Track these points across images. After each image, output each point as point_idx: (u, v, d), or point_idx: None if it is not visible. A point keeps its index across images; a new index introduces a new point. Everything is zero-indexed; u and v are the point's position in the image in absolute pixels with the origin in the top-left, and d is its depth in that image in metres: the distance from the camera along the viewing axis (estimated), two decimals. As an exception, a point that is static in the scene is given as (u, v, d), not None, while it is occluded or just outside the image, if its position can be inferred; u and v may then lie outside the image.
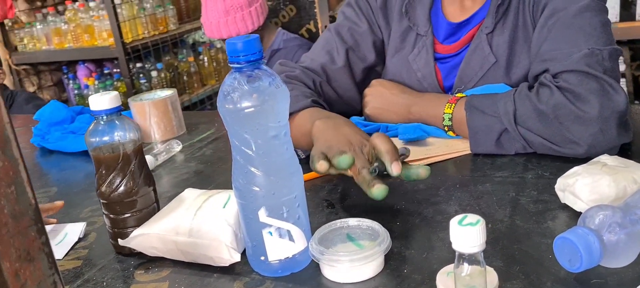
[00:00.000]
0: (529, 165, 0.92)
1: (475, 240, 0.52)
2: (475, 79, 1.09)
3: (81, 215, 0.98)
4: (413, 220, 0.80)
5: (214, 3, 2.05)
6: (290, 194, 0.69)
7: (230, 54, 0.65)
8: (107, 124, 0.78)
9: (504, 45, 1.07)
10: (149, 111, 1.33)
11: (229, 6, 2.03)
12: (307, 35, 2.49)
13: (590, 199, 0.73)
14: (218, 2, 2.04)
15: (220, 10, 2.04)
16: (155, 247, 0.77)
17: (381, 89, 1.16)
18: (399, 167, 0.80)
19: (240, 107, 0.65)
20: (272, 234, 0.69)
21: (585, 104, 0.89)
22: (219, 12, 2.05)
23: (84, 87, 3.45)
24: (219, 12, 2.04)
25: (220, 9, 2.04)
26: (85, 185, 1.13)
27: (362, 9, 1.21)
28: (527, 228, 0.74)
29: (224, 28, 2.06)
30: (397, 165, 0.80)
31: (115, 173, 0.78)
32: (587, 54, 0.92)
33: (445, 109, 1.03)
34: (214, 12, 2.06)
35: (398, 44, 1.18)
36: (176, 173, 1.12)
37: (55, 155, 1.35)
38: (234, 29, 2.07)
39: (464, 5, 1.12)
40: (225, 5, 2.03)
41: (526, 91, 0.95)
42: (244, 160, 0.68)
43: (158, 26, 3.28)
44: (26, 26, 3.43)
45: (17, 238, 0.41)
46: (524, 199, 0.82)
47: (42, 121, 1.42)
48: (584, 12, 0.97)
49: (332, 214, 0.85)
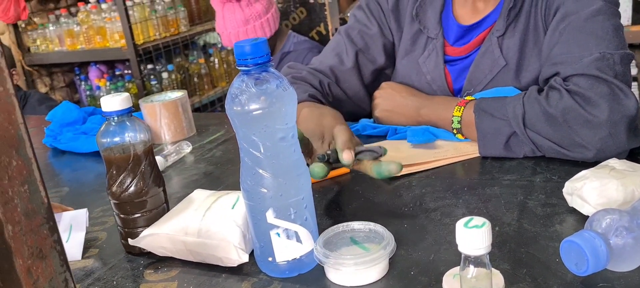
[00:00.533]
0: (537, 168, 0.92)
1: (481, 242, 0.52)
2: (485, 81, 1.09)
3: (92, 214, 0.99)
4: (420, 223, 0.80)
5: (232, 13, 2.07)
6: (297, 196, 0.70)
7: (238, 57, 0.66)
8: (118, 124, 0.79)
9: (514, 48, 1.07)
10: (160, 112, 1.34)
11: (248, 15, 2.06)
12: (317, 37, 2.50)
13: (597, 203, 0.73)
14: (237, 12, 2.06)
15: (240, 20, 2.07)
16: (165, 247, 0.78)
17: (391, 91, 1.16)
18: (350, 155, 0.82)
19: (248, 109, 0.65)
20: (280, 235, 0.70)
21: (594, 108, 0.88)
22: (238, 22, 2.07)
23: (96, 88, 3.48)
24: (238, 21, 2.07)
25: (240, 19, 2.07)
26: (96, 185, 1.14)
27: (373, 11, 1.22)
28: (534, 232, 0.74)
29: (243, 37, 2.09)
30: (348, 153, 0.82)
31: (126, 173, 0.79)
32: (598, 57, 0.92)
33: (454, 112, 1.03)
34: (232, 22, 2.08)
35: (408, 47, 1.19)
36: (186, 174, 1.13)
37: (67, 156, 1.37)
38: (253, 37, 2.10)
39: (475, 8, 1.12)
40: (245, 15, 2.06)
41: (535, 94, 0.95)
42: (252, 162, 0.68)
43: (169, 28, 3.30)
44: (39, 27, 3.46)
45: (29, 236, 0.42)
46: (532, 202, 0.82)
47: (54, 122, 1.44)
48: (596, 16, 0.97)
49: (339, 216, 0.86)
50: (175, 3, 3.37)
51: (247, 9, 2.06)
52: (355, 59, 1.19)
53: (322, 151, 0.87)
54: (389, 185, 0.94)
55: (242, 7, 2.06)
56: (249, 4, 2.06)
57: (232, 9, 2.07)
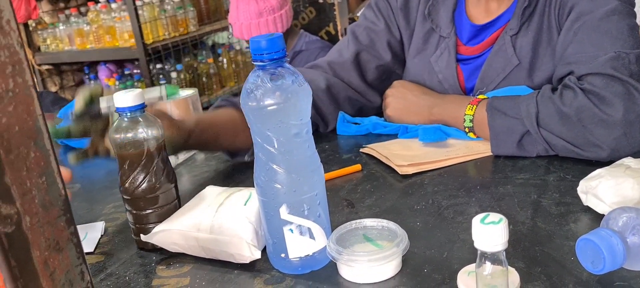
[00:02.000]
0: (550, 167, 0.92)
1: (498, 238, 0.52)
2: (497, 80, 1.09)
3: (104, 210, 1.00)
4: (433, 221, 0.80)
5: (246, 5, 2.08)
6: (311, 192, 0.69)
7: (254, 52, 0.66)
8: (131, 121, 0.79)
9: (528, 47, 1.06)
10: (170, 110, 1.34)
11: (262, 8, 2.06)
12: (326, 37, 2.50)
13: (613, 201, 0.72)
14: (251, 4, 2.06)
15: (253, 12, 2.07)
16: (177, 243, 0.78)
17: (402, 90, 1.16)
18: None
19: (263, 104, 0.65)
20: (293, 232, 0.69)
21: (609, 107, 0.88)
22: (252, 14, 2.07)
23: (105, 87, 3.49)
24: (252, 14, 2.07)
25: (253, 11, 2.07)
26: (108, 182, 1.15)
27: (381, 9, 1.22)
28: (549, 230, 0.74)
29: (255, 30, 2.09)
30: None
31: (139, 169, 0.79)
32: (613, 57, 0.91)
33: (466, 111, 1.03)
34: (246, 14, 2.08)
35: (420, 45, 1.19)
36: (196, 172, 1.13)
37: (78, 153, 1.37)
38: (265, 31, 2.10)
39: (488, 7, 1.12)
40: (259, 8, 2.06)
41: (549, 93, 0.94)
42: (266, 158, 0.68)
43: (178, 27, 3.31)
44: (49, 27, 3.48)
45: (46, 228, 0.41)
46: (546, 201, 0.81)
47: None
48: (610, 16, 0.96)
49: (351, 213, 0.86)
50: (185, 3, 3.37)
51: (261, 2, 2.06)
52: (356, 54, 1.20)
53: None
54: (400, 183, 0.94)
55: (258, 1, 2.06)
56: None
57: (247, 1, 2.08)
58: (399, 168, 0.96)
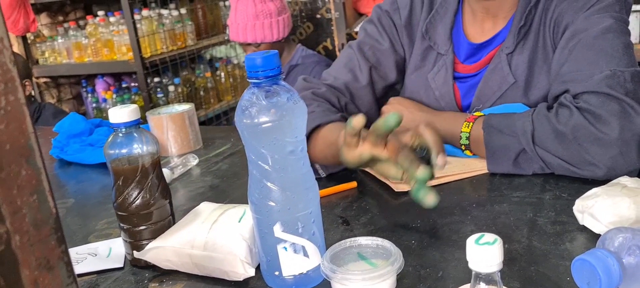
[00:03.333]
0: (546, 185, 0.92)
1: (492, 259, 0.51)
2: (493, 98, 1.09)
3: (97, 226, 0.99)
4: (428, 239, 0.80)
5: (245, 6, 2.09)
6: (305, 210, 0.69)
7: (249, 69, 0.65)
8: (126, 136, 0.79)
9: (523, 66, 1.06)
10: (167, 125, 1.34)
11: (259, 11, 2.07)
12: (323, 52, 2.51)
13: (609, 221, 0.72)
14: (249, 6, 2.08)
15: (251, 13, 2.08)
16: (170, 260, 0.77)
17: (399, 106, 1.16)
18: (444, 161, 0.76)
19: (258, 121, 0.65)
20: (287, 249, 0.69)
21: (605, 125, 0.88)
22: (249, 16, 2.08)
23: (102, 100, 3.49)
24: (249, 15, 2.08)
25: (251, 13, 2.08)
26: (102, 197, 1.14)
27: (384, 26, 1.21)
28: (544, 250, 0.73)
29: (250, 32, 2.10)
30: (444, 157, 0.76)
31: (133, 185, 0.79)
32: (608, 75, 0.91)
33: (462, 128, 1.03)
34: (243, 15, 2.09)
35: (418, 62, 1.19)
36: (192, 187, 1.13)
37: (73, 167, 1.37)
38: (260, 34, 2.10)
39: (485, 26, 1.12)
40: (256, 10, 2.07)
41: (545, 111, 0.94)
42: (260, 175, 0.68)
43: (176, 41, 3.32)
44: (48, 40, 3.49)
45: (37, 246, 0.41)
46: (542, 220, 0.81)
47: (61, 133, 1.44)
48: (605, 34, 0.96)
49: (346, 231, 0.85)
50: (183, 17, 3.39)
51: (260, 5, 2.07)
52: (369, 76, 1.18)
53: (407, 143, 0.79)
54: (396, 200, 0.93)
55: (256, 3, 2.07)
56: (263, 1, 2.08)
57: (245, 3, 2.09)
58: (395, 185, 0.96)
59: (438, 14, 1.16)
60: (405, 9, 1.19)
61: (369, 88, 1.17)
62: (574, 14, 1.00)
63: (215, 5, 3.75)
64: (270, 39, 2.11)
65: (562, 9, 1.02)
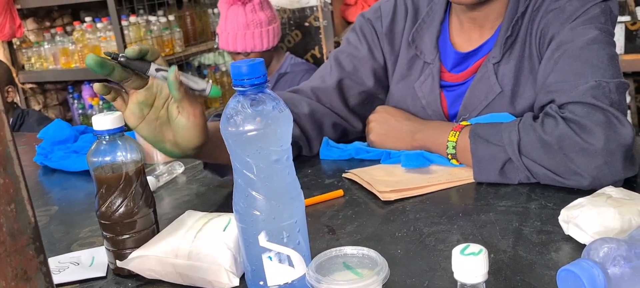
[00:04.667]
0: (532, 195, 0.92)
1: (477, 270, 0.51)
2: (480, 107, 1.09)
3: (80, 234, 0.98)
4: (414, 248, 0.79)
5: (235, 15, 2.09)
6: (291, 219, 0.69)
7: (234, 77, 0.65)
8: (109, 143, 0.78)
9: (510, 76, 1.07)
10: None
11: (250, 20, 2.08)
12: (311, 60, 2.51)
13: (594, 231, 0.72)
14: (240, 16, 2.08)
15: (241, 23, 2.08)
16: (154, 269, 0.76)
17: (386, 115, 1.16)
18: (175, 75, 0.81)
19: (243, 130, 0.65)
20: (272, 259, 0.68)
21: (590, 135, 0.88)
22: (239, 25, 2.08)
23: (89, 107, 3.46)
24: (240, 24, 2.08)
25: (241, 22, 2.08)
26: (86, 205, 1.13)
27: (365, 34, 1.23)
28: (530, 259, 0.73)
29: (240, 41, 2.10)
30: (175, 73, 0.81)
31: (117, 193, 0.78)
32: (593, 85, 0.92)
33: (449, 137, 1.03)
34: (233, 24, 2.09)
35: (404, 71, 1.19)
36: (177, 195, 1.12)
37: (57, 174, 1.35)
38: (250, 44, 2.11)
39: (472, 36, 1.13)
40: (247, 19, 2.08)
41: (530, 121, 0.94)
42: (245, 184, 0.67)
43: (164, 48, 3.30)
44: (34, 45, 3.46)
45: (14, 256, 0.40)
46: (528, 230, 0.81)
47: (46, 140, 1.42)
48: (591, 45, 0.97)
49: (332, 240, 0.85)
50: (171, 24, 3.37)
51: (250, 14, 2.08)
52: (338, 81, 1.20)
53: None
54: (382, 209, 0.93)
55: (247, 12, 2.08)
56: (253, 11, 2.08)
57: (236, 12, 2.09)
58: (381, 194, 0.96)
59: (424, 23, 1.17)
60: (388, 18, 1.21)
61: (335, 91, 1.19)
62: (560, 25, 1.01)
63: (204, 13, 3.74)
64: (260, 48, 2.12)
65: (548, 19, 1.03)
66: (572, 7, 1.01)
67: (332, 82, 1.19)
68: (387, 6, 1.22)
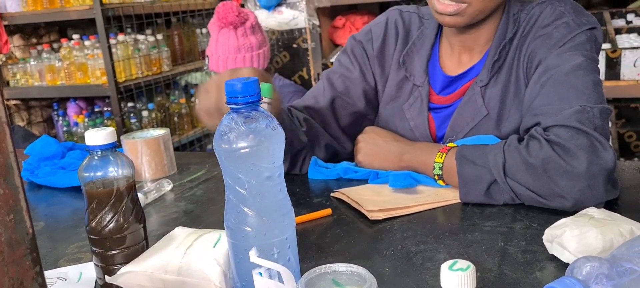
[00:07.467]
0: (517, 215, 0.93)
1: (465, 285, 0.52)
2: (467, 129, 1.11)
3: (67, 250, 0.97)
4: (402, 266, 0.80)
5: (226, 39, 2.09)
6: (281, 235, 0.69)
7: (229, 95, 0.66)
8: (101, 159, 0.78)
9: (496, 99, 1.09)
10: (141, 149, 1.33)
11: (241, 44, 2.08)
12: (299, 81, 2.53)
13: (577, 250, 0.74)
14: (231, 39, 2.08)
15: (232, 46, 2.08)
16: (143, 285, 0.76)
17: (374, 136, 1.17)
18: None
19: (236, 147, 0.66)
20: (262, 275, 0.69)
21: (574, 159, 0.90)
22: (231, 49, 2.08)
23: (74, 124, 3.44)
24: (231, 48, 2.08)
25: (232, 46, 2.08)
26: (73, 221, 1.12)
27: (356, 56, 1.25)
28: (515, 278, 0.75)
29: (231, 64, 2.10)
30: None
31: (107, 208, 0.78)
32: (578, 110, 0.94)
33: (436, 158, 1.04)
34: (225, 47, 2.09)
35: (393, 93, 1.21)
36: (166, 212, 1.12)
37: (43, 190, 1.34)
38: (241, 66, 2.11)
39: (462, 59, 1.16)
40: (238, 44, 2.07)
41: (516, 144, 0.96)
42: (237, 200, 0.68)
43: (152, 66, 3.31)
44: (20, 62, 3.44)
45: (11, 266, 0.41)
46: (513, 249, 0.83)
47: (33, 156, 1.42)
48: (576, 71, 1.00)
49: (321, 258, 0.85)
50: (159, 43, 3.38)
51: (241, 38, 2.08)
52: (331, 100, 1.22)
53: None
54: (370, 228, 0.94)
55: (238, 36, 2.08)
56: (244, 34, 2.09)
57: (227, 35, 2.09)
58: (369, 213, 0.97)
59: (415, 46, 1.20)
60: (378, 40, 1.23)
61: (329, 111, 1.22)
62: (547, 51, 1.04)
63: (192, 32, 3.76)
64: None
65: (535, 45, 1.06)
66: (559, 34, 1.04)
67: (326, 101, 1.21)
68: (377, 29, 1.24)
